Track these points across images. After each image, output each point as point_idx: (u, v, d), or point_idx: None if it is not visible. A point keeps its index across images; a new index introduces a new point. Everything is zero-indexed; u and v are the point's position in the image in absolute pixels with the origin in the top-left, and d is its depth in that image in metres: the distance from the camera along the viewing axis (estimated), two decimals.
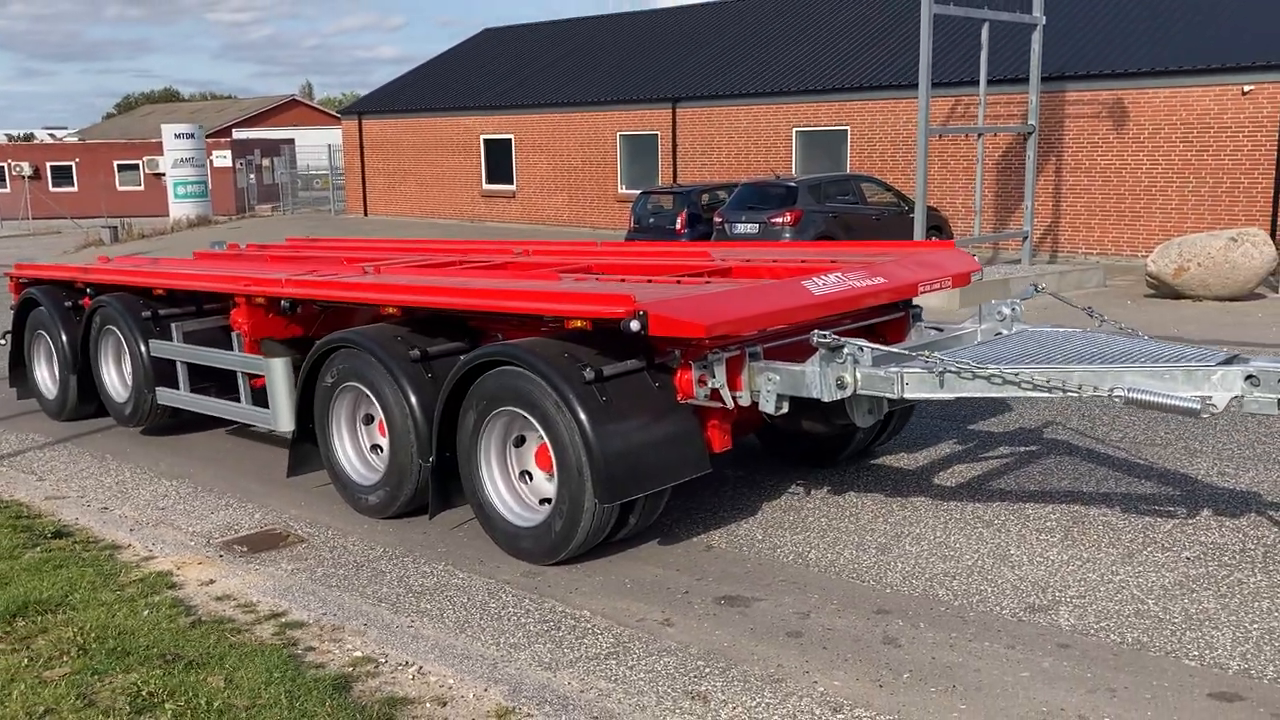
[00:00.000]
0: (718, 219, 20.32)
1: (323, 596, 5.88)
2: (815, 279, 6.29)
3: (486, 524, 6.39)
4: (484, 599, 5.75)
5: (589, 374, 5.78)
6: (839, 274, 6.43)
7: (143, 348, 9.03)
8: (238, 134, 60.45)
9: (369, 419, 7.39)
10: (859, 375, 5.58)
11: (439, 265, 8.40)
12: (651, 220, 22.47)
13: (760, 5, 32.40)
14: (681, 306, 5.55)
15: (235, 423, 9.62)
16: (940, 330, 6.69)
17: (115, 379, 9.70)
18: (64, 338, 10.01)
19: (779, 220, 19.26)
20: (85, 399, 10.07)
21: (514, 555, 6.26)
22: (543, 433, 5.93)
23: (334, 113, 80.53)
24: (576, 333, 6.09)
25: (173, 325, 8.83)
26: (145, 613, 5.59)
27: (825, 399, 5.68)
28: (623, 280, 6.98)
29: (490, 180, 33.74)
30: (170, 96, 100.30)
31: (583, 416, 5.68)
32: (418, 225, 32.92)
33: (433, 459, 6.55)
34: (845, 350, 5.55)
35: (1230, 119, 20.95)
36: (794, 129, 26.75)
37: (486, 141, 33.58)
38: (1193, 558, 5.91)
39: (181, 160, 38.87)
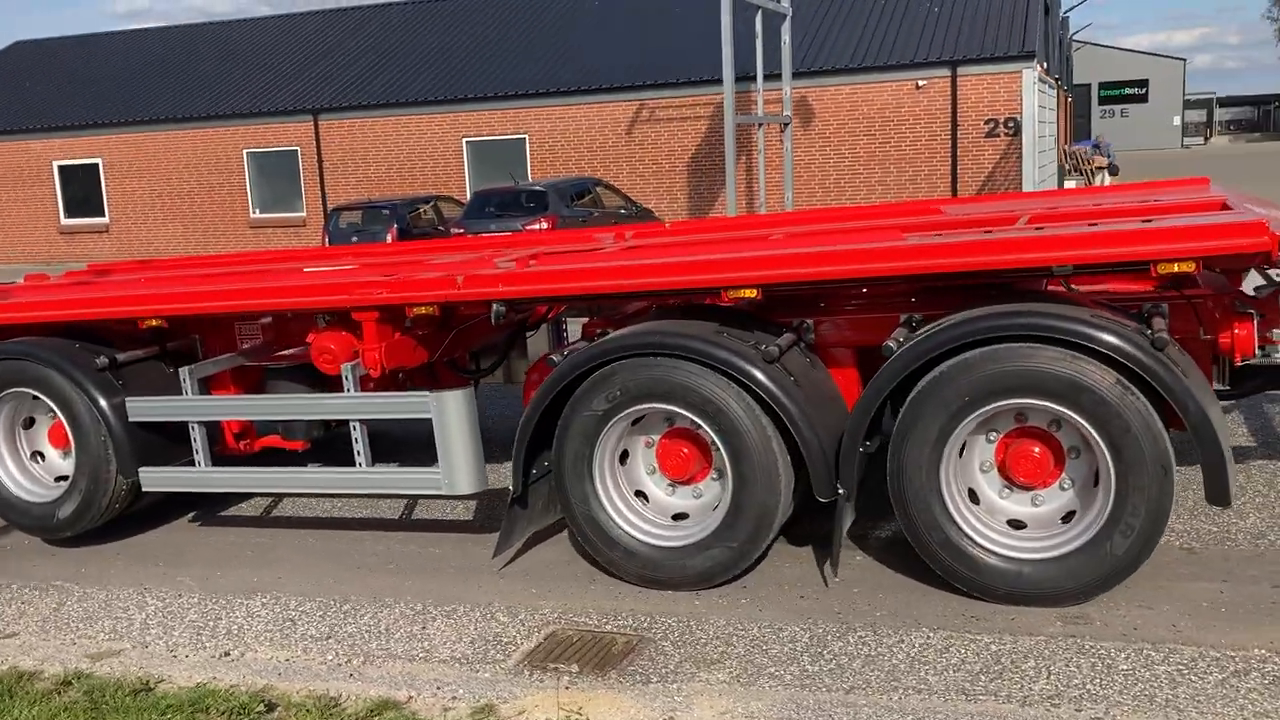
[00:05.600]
0: (457, 229, 18.37)
1: (883, 711, 3.91)
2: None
3: (965, 566, 4.61)
4: (1108, 664, 4.10)
5: (1159, 338, 4.33)
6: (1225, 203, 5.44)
7: (106, 410, 5.96)
8: None
9: (624, 456, 5.27)
10: None
11: (592, 252, 6.24)
12: (355, 239, 19.90)
13: (407, 7, 30.05)
14: None
15: (202, 504, 6.75)
16: None
17: (15, 470, 6.38)
18: None
19: (536, 226, 17.74)
20: None
21: (1011, 600, 4.58)
22: (1093, 433, 4.35)
23: None
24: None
25: (183, 371, 5.88)
26: None
27: None
28: (938, 234, 5.44)
29: (71, 214, 28.38)
30: None
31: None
32: None
33: (843, 490, 4.71)
34: None
35: (907, 112, 22.41)
36: (464, 139, 25.01)
37: (62, 168, 28.21)
38: None
39: None
